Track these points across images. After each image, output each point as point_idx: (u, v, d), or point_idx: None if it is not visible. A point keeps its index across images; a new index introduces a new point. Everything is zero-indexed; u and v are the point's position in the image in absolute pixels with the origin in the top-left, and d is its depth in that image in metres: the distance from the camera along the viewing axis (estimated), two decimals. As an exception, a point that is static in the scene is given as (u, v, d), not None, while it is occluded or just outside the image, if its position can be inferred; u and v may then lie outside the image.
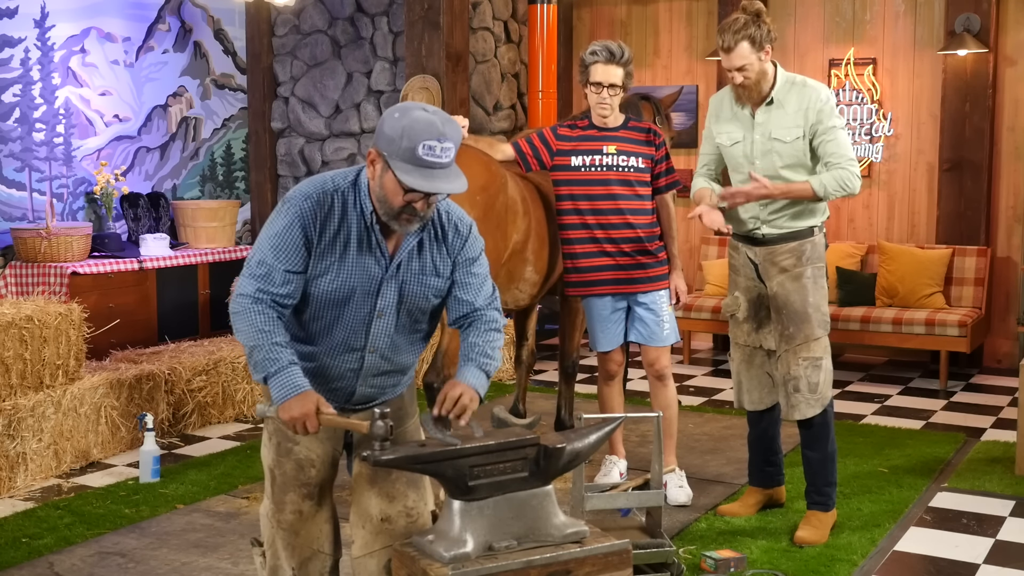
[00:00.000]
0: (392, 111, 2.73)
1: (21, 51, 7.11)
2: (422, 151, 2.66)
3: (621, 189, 4.73)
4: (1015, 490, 5.04)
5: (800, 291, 4.31)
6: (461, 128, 2.79)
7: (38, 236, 6.70)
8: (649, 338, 4.83)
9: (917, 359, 7.90)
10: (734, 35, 4.16)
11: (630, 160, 4.73)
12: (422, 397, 4.84)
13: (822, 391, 4.35)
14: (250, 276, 2.86)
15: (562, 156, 4.78)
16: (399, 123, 2.68)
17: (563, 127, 4.87)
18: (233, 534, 4.50)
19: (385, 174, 2.73)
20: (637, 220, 4.75)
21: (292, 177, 8.90)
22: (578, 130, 4.82)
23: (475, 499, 3.41)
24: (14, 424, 5.08)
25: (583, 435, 3.68)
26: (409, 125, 2.66)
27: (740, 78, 4.21)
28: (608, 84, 4.64)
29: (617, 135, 4.77)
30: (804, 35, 8.27)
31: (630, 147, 4.75)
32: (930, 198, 7.96)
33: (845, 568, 4.11)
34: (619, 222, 4.73)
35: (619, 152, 4.73)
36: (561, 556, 3.46)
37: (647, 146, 4.76)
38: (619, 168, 4.73)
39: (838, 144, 4.21)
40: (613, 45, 4.65)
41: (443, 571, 3.30)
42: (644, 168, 4.75)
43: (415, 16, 7.62)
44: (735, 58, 4.18)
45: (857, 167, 4.21)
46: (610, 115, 4.74)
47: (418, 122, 2.67)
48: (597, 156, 4.73)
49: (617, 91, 4.68)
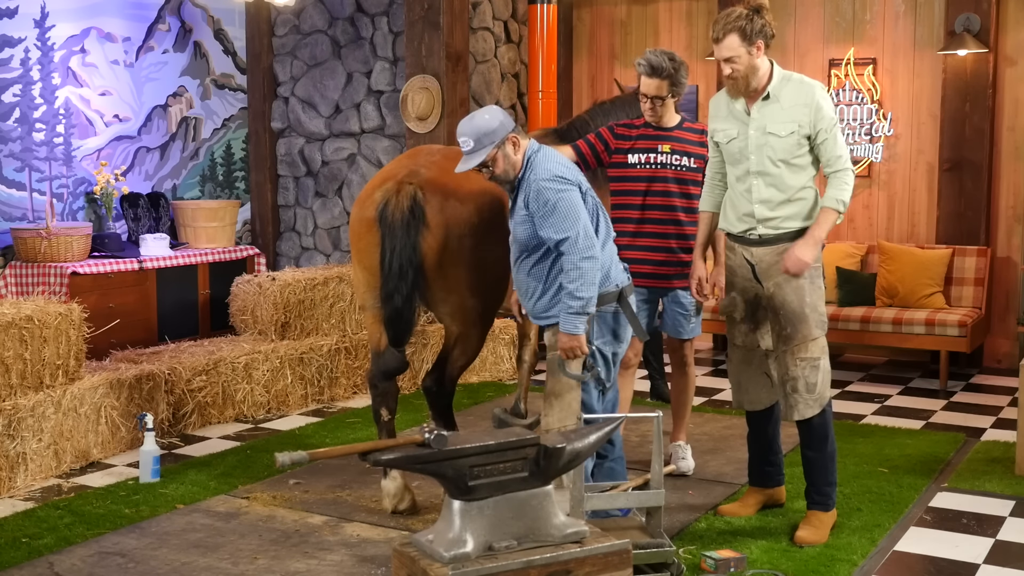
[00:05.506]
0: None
1: (21, 51, 7.11)
2: (461, 143, 4.02)
3: (675, 187, 4.91)
4: (1015, 490, 5.04)
5: (797, 292, 4.32)
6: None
7: (38, 236, 6.70)
8: (679, 331, 5.11)
9: (917, 359, 7.90)
10: (724, 26, 4.23)
11: (683, 160, 4.91)
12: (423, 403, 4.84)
13: (820, 391, 4.35)
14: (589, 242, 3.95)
15: (620, 154, 4.97)
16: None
17: (620, 127, 5.03)
18: (233, 534, 4.50)
19: None
20: (686, 218, 4.92)
21: (292, 177, 8.90)
22: (635, 129, 4.98)
23: (475, 499, 3.41)
24: (14, 424, 5.08)
25: (583, 435, 3.68)
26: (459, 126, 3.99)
27: (728, 69, 4.25)
28: (652, 96, 4.83)
29: (672, 135, 4.93)
30: (804, 35, 8.27)
31: (684, 147, 4.92)
32: (930, 198, 7.96)
33: (845, 568, 4.11)
34: (668, 218, 4.91)
35: (673, 151, 4.91)
36: (561, 556, 3.46)
37: (700, 147, 4.92)
38: (673, 167, 4.90)
39: (836, 146, 4.27)
40: (656, 58, 4.80)
41: (443, 571, 3.30)
42: (696, 168, 4.91)
43: (415, 16, 7.62)
44: (723, 49, 4.24)
45: (851, 163, 4.30)
46: (662, 118, 4.91)
47: (461, 124, 4.00)
48: (652, 154, 4.90)
49: (663, 100, 4.85)
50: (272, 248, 8.96)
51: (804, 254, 4.23)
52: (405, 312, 4.44)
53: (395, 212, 4.38)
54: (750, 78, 4.27)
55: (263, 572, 4.09)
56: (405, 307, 4.43)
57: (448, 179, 4.50)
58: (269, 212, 8.94)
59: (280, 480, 5.19)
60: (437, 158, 4.64)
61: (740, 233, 4.42)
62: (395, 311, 4.43)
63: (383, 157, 8.40)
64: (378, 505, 4.76)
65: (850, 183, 4.26)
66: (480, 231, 4.51)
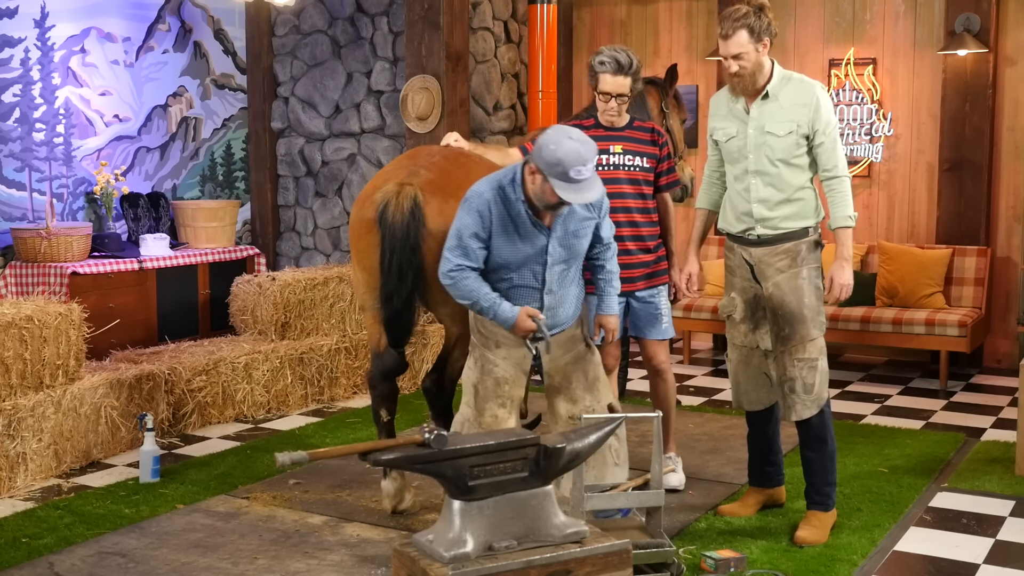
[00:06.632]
0: (548, 142, 3.78)
1: (21, 51, 7.11)
2: (573, 173, 3.75)
3: (628, 188, 4.82)
4: (1015, 490, 5.04)
5: (796, 292, 4.32)
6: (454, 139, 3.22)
7: (38, 236, 6.70)
8: (648, 332, 4.96)
9: (917, 359, 7.90)
10: (733, 23, 4.21)
11: (636, 160, 4.83)
12: (423, 404, 4.84)
13: (818, 392, 4.35)
14: (450, 252, 4.00)
15: None
16: (555, 153, 3.75)
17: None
18: (233, 534, 4.50)
19: (545, 184, 3.82)
20: (642, 218, 4.85)
21: (292, 177, 8.90)
22: (584, 130, 4.82)
23: (475, 499, 3.41)
24: (14, 424, 5.08)
25: (583, 435, 3.68)
26: (564, 155, 3.73)
27: (735, 67, 4.25)
28: (616, 94, 4.74)
29: (623, 135, 4.85)
30: (804, 35, 8.27)
31: (636, 147, 4.84)
32: (930, 198, 7.96)
33: (845, 568, 4.11)
34: (625, 220, 4.80)
35: (625, 152, 4.83)
36: (561, 556, 3.46)
37: (652, 146, 4.87)
38: (626, 167, 4.82)
39: (835, 153, 4.30)
40: (621, 55, 4.71)
41: (443, 571, 3.30)
42: (649, 168, 4.85)
43: (415, 16, 7.61)
44: (732, 45, 4.22)
45: (847, 169, 4.36)
46: (617, 119, 4.84)
47: (570, 152, 3.74)
48: (604, 156, 4.80)
49: (624, 99, 4.78)
50: (272, 248, 8.96)
51: (845, 277, 4.33)
52: (404, 313, 4.44)
53: (395, 213, 4.38)
54: (756, 76, 4.27)
55: (263, 572, 4.09)
56: (404, 308, 4.43)
57: (448, 180, 4.50)
58: (269, 212, 8.94)
59: (280, 480, 5.19)
60: (437, 159, 4.64)
61: (739, 233, 4.42)
62: (394, 312, 4.43)
63: (383, 157, 8.40)
64: (378, 505, 4.76)
65: (849, 192, 4.31)
66: None
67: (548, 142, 3.79)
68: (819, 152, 4.30)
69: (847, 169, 4.33)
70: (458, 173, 4.56)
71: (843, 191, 4.30)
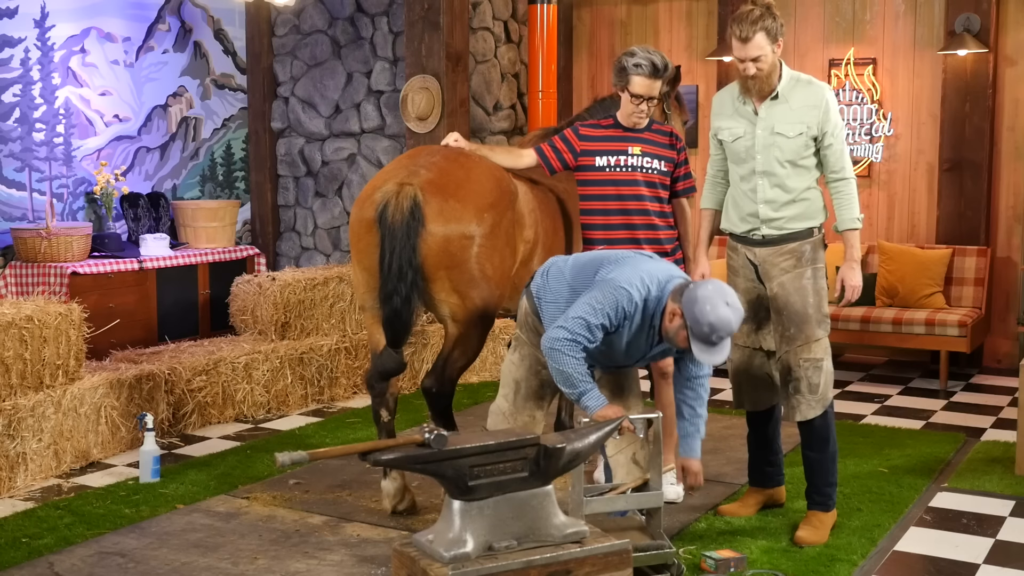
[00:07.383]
0: (704, 300, 3.70)
1: (21, 51, 7.11)
2: (714, 338, 3.71)
3: (646, 191, 4.76)
4: (1015, 490, 5.04)
5: (800, 292, 4.32)
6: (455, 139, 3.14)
7: (38, 236, 6.70)
8: None
9: (917, 359, 7.90)
10: (751, 25, 4.18)
11: (654, 162, 4.76)
12: (423, 404, 4.84)
13: (823, 392, 4.35)
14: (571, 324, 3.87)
15: (586, 156, 4.79)
16: (708, 316, 3.68)
17: (585, 127, 4.88)
18: (233, 534, 4.50)
19: (680, 332, 3.80)
20: (660, 221, 4.79)
21: (292, 177, 8.90)
22: (601, 129, 4.83)
23: (475, 499, 3.41)
24: (14, 424, 5.08)
25: (583, 435, 3.68)
26: (716, 321, 3.68)
27: (753, 69, 4.22)
28: (648, 97, 4.69)
29: (642, 136, 4.79)
30: (804, 35, 8.27)
31: (654, 149, 4.78)
32: (930, 198, 7.96)
33: (845, 568, 4.11)
34: (643, 223, 4.75)
35: (644, 154, 4.76)
36: (561, 556, 3.46)
37: (670, 149, 4.81)
38: (644, 169, 4.76)
39: (843, 155, 4.33)
40: (656, 58, 4.67)
41: (443, 571, 3.30)
42: (666, 172, 4.79)
43: (415, 16, 7.61)
44: (752, 48, 4.19)
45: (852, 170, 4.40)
46: (642, 121, 4.79)
47: (722, 320, 3.68)
48: (622, 156, 4.75)
49: (654, 102, 4.73)
50: (272, 248, 8.96)
51: (855, 279, 4.38)
52: (404, 313, 4.43)
53: (395, 213, 4.38)
54: (772, 77, 4.27)
55: (263, 572, 4.09)
56: (404, 308, 4.42)
57: (448, 180, 4.50)
58: (269, 212, 8.94)
59: (280, 480, 5.19)
60: (437, 159, 4.64)
61: (743, 233, 4.42)
62: (394, 312, 4.42)
63: (383, 157, 8.40)
64: (378, 505, 4.76)
65: (856, 194, 4.34)
66: (480, 232, 4.51)
67: (704, 300, 3.70)
68: (827, 154, 4.30)
69: (853, 171, 4.34)
70: (458, 173, 4.56)
71: (850, 193, 4.32)
